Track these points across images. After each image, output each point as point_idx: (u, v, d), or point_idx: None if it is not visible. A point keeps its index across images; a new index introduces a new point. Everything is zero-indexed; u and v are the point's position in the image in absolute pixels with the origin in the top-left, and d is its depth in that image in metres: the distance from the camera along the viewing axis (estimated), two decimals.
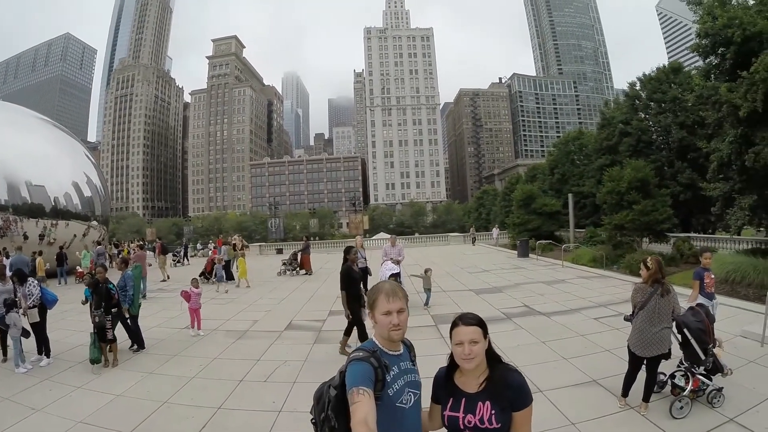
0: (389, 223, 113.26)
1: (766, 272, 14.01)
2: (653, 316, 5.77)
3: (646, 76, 35.99)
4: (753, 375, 6.93)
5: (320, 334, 10.71)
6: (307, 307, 14.11)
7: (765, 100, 14.56)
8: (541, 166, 58.70)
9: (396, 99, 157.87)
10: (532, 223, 35.29)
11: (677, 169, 31.04)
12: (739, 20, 16.67)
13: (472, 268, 22.99)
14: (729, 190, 18.83)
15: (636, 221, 22.48)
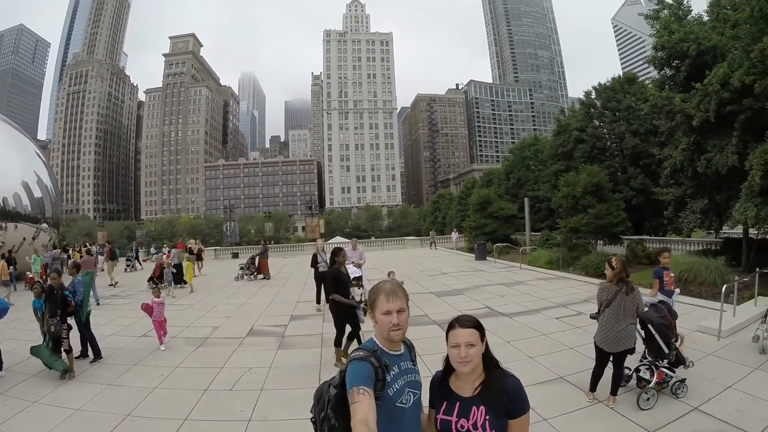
0: (345, 227, 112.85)
1: (717, 271, 14.66)
2: (619, 313, 6.01)
3: (602, 86, 36.94)
4: (712, 366, 7.37)
5: (283, 339, 10.51)
6: (268, 313, 13.81)
7: (717, 111, 15.13)
8: (497, 171, 59.39)
9: (353, 103, 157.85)
10: (488, 226, 35.63)
11: (630, 174, 31.79)
12: (695, 35, 17.35)
13: (431, 271, 23.01)
14: (681, 194, 19.49)
15: (591, 224, 23.03)
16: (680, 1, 19.52)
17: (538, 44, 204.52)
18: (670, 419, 5.67)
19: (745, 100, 14.34)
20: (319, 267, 13.96)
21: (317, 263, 14.08)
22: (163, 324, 10.13)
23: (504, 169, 55.25)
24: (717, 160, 15.65)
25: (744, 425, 5.38)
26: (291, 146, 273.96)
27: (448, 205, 71.46)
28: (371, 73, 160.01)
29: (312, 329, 11.38)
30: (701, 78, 16.18)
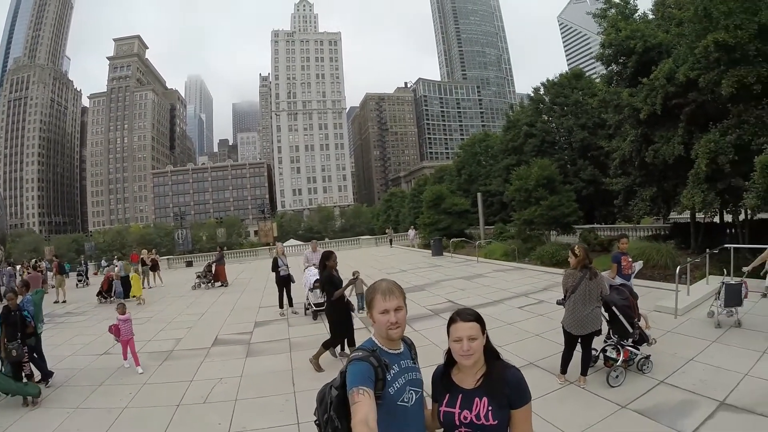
0: (298, 229, 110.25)
1: (668, 255, 15.54)
2: (585, 297, 6.38)
3: (550, 82, 38.12)
4: (673, 342, 7.92)
5: (251, 347, 10.20)
6: (231, 321, 13.35)
7: (663, 104, 16.09)
8: (449, 168, 60.11)
9: (302, 103, 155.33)
10: (442, 222, 35.95)
11: (579, 166, 32.93)
12: (641, 33, 18.38)
13: (389, 269, 23.03)
14: (630, 183, 20.45)
15: (544, 216, 23.71)
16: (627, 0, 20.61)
17: (485, 42, 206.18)
18: (639, 393, 6.06)
19: (690, 93, 15.30)
20: (280, 271, 13.58)
21: (278, 267, 13.63)
22: (132, 343, 9.19)
23: (455, 165, 55.94)
24: (664, 150, 16.56)
25: (708, 393, 5.83)
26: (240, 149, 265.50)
27: (401, 203, 71.45)
28: (320, 73, 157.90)
29: (278, 335, 11.11)
30: (648, 73, 17.15)
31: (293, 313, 13.34)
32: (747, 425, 5.01)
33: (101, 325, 13.49)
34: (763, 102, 13.49)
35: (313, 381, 7.10)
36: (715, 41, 12.93)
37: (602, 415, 5.56)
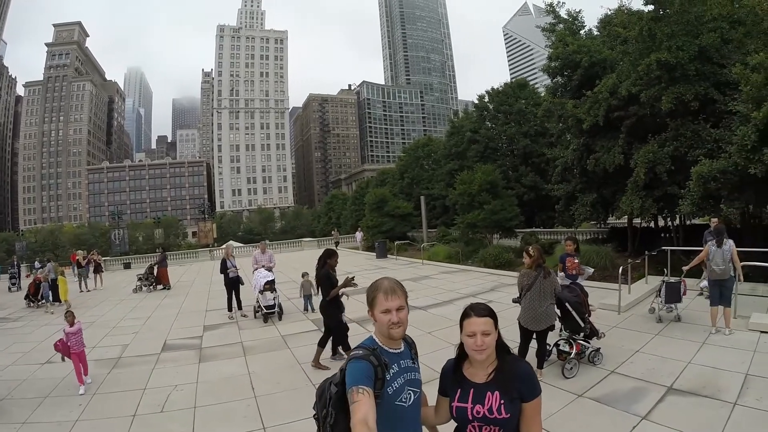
0: (237, 230, 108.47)
1: (607, 257, 16.59)
2: (540, 295, 6.80)
3: (495, 90, 39.29)
4: (619, 336, 8.64)
5: (202, 352, 9.79)
6: (178, 325, 12.88)
7: (606, 116, 17.01)
8: (391, 171, 60.27)
9: (245, 101, 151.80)
10: (385, 225, 36.36)
11: (521, 173, 34.23)
12: (587, 48, 19.42)
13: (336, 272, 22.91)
14: (572, 190, 21.41)
15: (487, 219, 24.39)
16: (575, 16, 21.73)
17: (431, 48, 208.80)
18: (593, 383, 6.51)
19: (631, 107, 16.30)
20: (229, 273, 13.11)
21: (227, 269, 13.13)
22: (83, 356, 8.11)
23: (398, 168, 56.37)
24: (605, 159, 17.48)
25: (657, 380, 6.40)
26: (179, 147, 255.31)
27: (342, 206, 70.58)
28: (264, 71, 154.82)
29: (230, 338, 10.77)
30: (592, 86, 18.13)
31: (242, 316, 13.05)
32: (695, 406, 5.61)
33: (40, 331, 13.20)
34: (699, 117, 14.63)
35: (274, 385, 7.29)
36: (658, 60, 13.92)
37: (562, 404, 5.93)
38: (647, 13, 15.85)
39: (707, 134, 13.85)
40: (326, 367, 7.84)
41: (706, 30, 14.48)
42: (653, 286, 12.18)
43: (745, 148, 11.01)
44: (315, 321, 11.51)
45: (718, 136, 13.28)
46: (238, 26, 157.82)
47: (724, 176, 11.85)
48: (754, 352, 7.26)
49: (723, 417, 5.22)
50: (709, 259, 8.53)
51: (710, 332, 8.38)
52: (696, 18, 14.49)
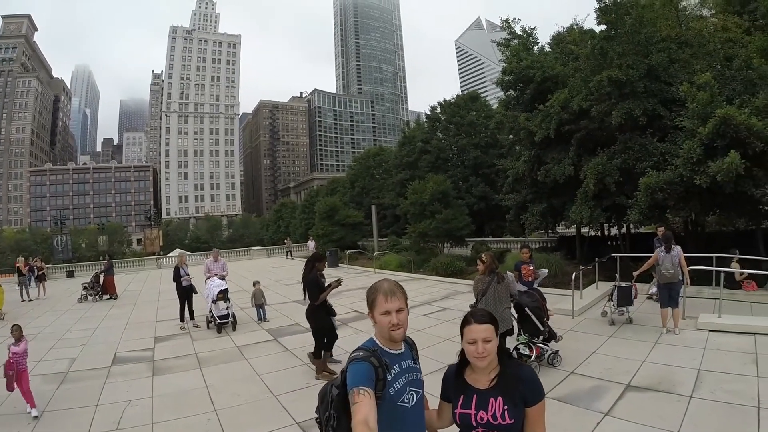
0: (184, 238, 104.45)
1: (557, 264, 17.24)
2: (495, 299, 7.07)
3: (447, 101, 40.14)
4: (575, 339, 9.00)
5: (155, 364, 9.29)
6: (128, 336, 12.22)
7: (557, 129, 17.60)
8: (342, 180, 60.28)
9: (195, 106, 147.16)
10: (336, 233, 36.67)
11: (471, 183, 34.90)
12: (540, 64, 20.19)
13: (286, 280, 22.47)
14: (522, 200, 22.00)
15: (439, 229, 24.89)
16: (529, 33, 22.51)
17: (383, 59, 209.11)
18: (555, 383, 6.65)
19: (582, 121, 16.97)
20: (182, 281, 12.61)
21: (180, 277, 12.64)
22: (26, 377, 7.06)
23: (349, 177, 56.54)
24: (555, 170, 18.04)
25: (615, 378, 6.71)
26: (125, 150, 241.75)
27: (291, 214, 69.71)
28: (216, 75, 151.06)
29: (183, 350, 10.27)
30: (544, 100, 18.75)
31: (195, 326, 12.50)
32: (654, 400, 5.97)
33: None
34: (647, 132, 15.37)
35: (234, 397, 7.01)
36: (609, 77, 14.63)
37: None
38: (600, 32, 16.70)
39: (654, 148, 14.59)
40: (333, 372, 7.58)
41: (655, 50, 15.37)
42: (604, 291, 12.79)
43: (690, 161, 11.76)
44: (270, 331, 11.50)
45: (664, 149, 14.05)
46: (191, 28, 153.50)
47: (671, 187, 12.57)
48: (704, 350, 7.78)
49: (681, 410, 5.58)
50: (658, 264, 9.05)
51: (661, 333, 8.89)
52: (646, 38, 15.36)
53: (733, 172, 10.61)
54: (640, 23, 15.23)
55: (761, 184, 11.21)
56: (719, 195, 12.27)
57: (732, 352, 7.57)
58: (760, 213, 15.02)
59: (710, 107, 11.81)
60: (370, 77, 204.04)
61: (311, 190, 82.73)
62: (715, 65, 15.04)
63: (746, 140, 10.97)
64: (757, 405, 5.54)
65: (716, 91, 12.59)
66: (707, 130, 11.34)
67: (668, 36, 16.33)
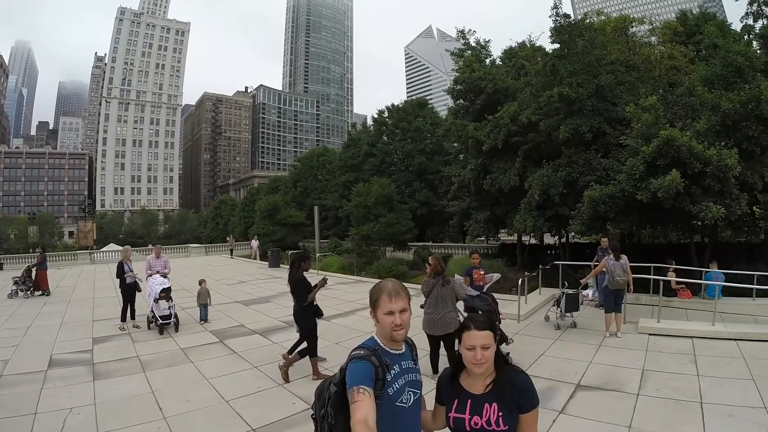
0: (119, 232, 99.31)
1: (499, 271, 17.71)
2: (438, 301, 7.32)
3: (395, 106, 40.64)
4: (523, 342, 9.42)
5: (95, 368, 8.63)
6: (64, 337, 11.36)
7: (505, 140, 18.30)
8: (284, 179, 59.73)
9: (137, 93, 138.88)
10: (277, 233, 36.26)
11: (415, 188, 35.39)
12: (492, 76, 20.87)
13: (228, 280, 22.27)
14: (466, 207, 22.62)
15: (382, 232, 25.04)
16: (483, 45, 23.22)
17: (332, 59, 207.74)
18: None
19: (530, 134, 17.69)
20: (126, 278, 11.98)
21: (124, 274, 12.02)
22: None
23: (291, 177, 55.93)
24: (500, 179, 18.75)
25: (565, 379, 7.07)
26: (60, 136, 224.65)
27: (231, 212, 67.83)
28: (161, 63, 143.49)
29: (124, 352, 9.66)
30: (493, 111, 19.43)
31: (135, 327, 11.82)
32: (604, 398, 6.40)
33: None
34: (591, 148, 16.27)
35: (183, 403, 6.65)
36: (560, 94, 15.38)
37: None
38: (553, 51, 17.50)
39: (597, 163, 15.44)
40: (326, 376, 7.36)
41: (604, 71, 16.27)
42: (547, 297, 13.54)
43: (633, 177, 12.53)
44: (214, 332, 11.12)
45: (607, 165, 14.88)
46: (140, 11, 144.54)
47: (613, 200, 13.32)
48: (646, 351, 8.41)
49: (630, 406, 6.04)
50: (608, 271, 9.63)
51: (605, 336, 9.50)
52: (596, 60, 16.23)
53: (673, 190, 11.43)
54: (591, 45, 16.13)
55: (698, 201, 12.07)
56: (657, 210, 13.14)
57: (672, 353, 8.21)
58: (694, 227, 16.17)
59: (654, 128, 12.67)
60: (318, 77, 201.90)
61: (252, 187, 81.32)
62: (659, 90, 16.15)
63: (686, 161, 11.83)
64: (700, 400, 6.09)
65: (660, 113, 13.55)
66: (651, 149, 12.14)
67: (617, 59, 17.41)
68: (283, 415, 6.13)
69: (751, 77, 13.80)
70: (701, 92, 13.82)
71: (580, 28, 16.67)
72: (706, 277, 12.37)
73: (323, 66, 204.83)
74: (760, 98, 12.38)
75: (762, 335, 8.89)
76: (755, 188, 12.83)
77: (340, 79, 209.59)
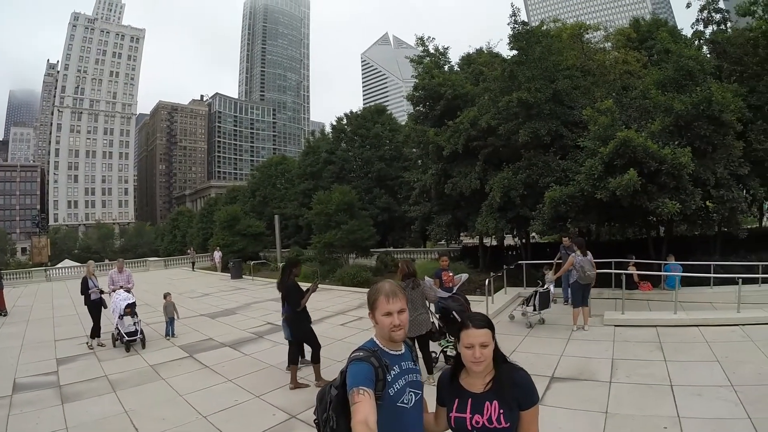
0: (74, 248, 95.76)
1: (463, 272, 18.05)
2: (409, 304, 7.58)
3: (353, 113, 40.87)
4: None
5: (63, 390, 8.18)
6: (26, 359, 10.76)
7: (465, 144, 18.69)
8: (242, 189, 59.01)
9: (90, 102, 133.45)
10: (237, 244, 35.59)
11: (375, 194, 35.55)
12: (452, 82, 21.27)
13: (191, 293, 21.79)
14: (428, 211, 22.91)
15: (344, 239, 24.89)
16: (443, 52, 23.65)
17: (289, 66, 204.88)
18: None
19: (490, 138, 18.10)
20: (91, 294, 11.59)
21: (89, 289, 11.61)
22: None
23: (250, 186, 55.36)
24: (462, 183, 19.03)
25: (539, 372, 7.16)
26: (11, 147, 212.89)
27: (188, 223, 66.34)
28: (115, 70, 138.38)
29: (91, 372, 9.20)
30: (453, 117, 19.85)
31: (99, 345, 11.34)
32: (578, 388, 6.70)
33: None
34: (550, 150, 16.78)
35: (159, 422, 6.42)
36: (519, 98, 15.79)
37: None
38: (511, 57, 18.00)
39: (556, 164, 15.95)
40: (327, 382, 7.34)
41: (561, 76, 16.88)
42: (512, 296, 14.01)
43: (592, 177, 13.03)
44: (183, 347, 10.81)
45: (565, 166, 15.39)
46: (94, 17, 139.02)
47: (573, 200, 13.81)
48: (613, 341, 8.82)
49: (604, 393, 6.35)
50: (577, 267, 9.99)
51: (572, 330, 9.89)
52: (553, 65, 16.81)
53: (631, 188, 11.95)
54: (548, 51, 16.69)
55: (654, 198, 12.67)
56: (616, 208, 13.72)
57: (639, 342, 8.64)
58: (650, 224, 16.93)
59: (611, 130, 13.25)
60: (274, 84, 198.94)
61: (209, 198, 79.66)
62: (613, 93, 16.82)
63: (643, 160, 12.40)
64: (670, 383, 6.48)
65: (616, 116, 14.15)
66: (608, 150, 12.66)
67: (573, 65, 18.09)
68: (264, 426, 6.06)
69: (702, 80, 14.55)
70: (655, 95, 14.47)
71: (538, 35, 17.22)
72: (666, 269, 13.05)
73: (279, 74, 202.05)
74: (711, 100, 13.07)
75: (722, 320, 9.48)
76: (708, 184, 13.51)
77: (296, 86, 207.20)
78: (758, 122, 15.69)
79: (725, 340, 8.41)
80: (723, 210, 13.58)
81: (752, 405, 5.53)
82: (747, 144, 14.78)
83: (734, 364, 7.03)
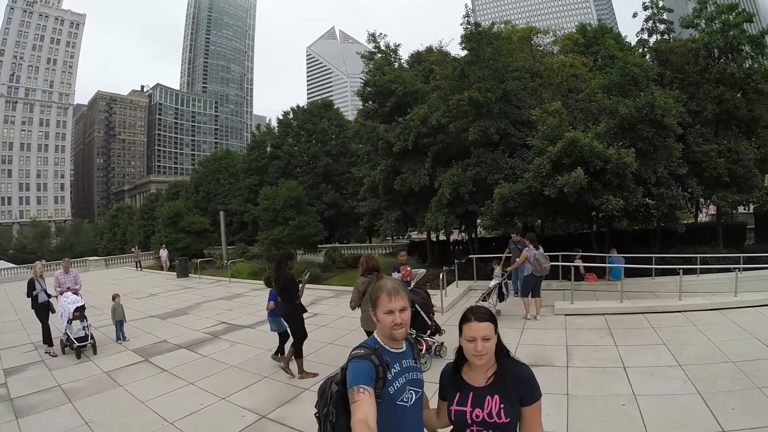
0: (8, 247, 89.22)
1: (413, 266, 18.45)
2: None
3: (300, 108, 40.69)
4: (452, 332, 9.76)
5: (15, 403, 7.56)
6: None
7: (415, 141, 19.10)
8: (185, 184, 57.41)
9: (25, 91, 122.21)
10: (181, 241, 34.59)
11: (322, 190, 35.64)
12: (402, 79, 21.54)
13: (137, 294, 20.66)
14: (377, 207, 23.26)
15: (292, 235, 25.12)
16: (394, 50, 23.92)
17: (232, 58, 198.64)
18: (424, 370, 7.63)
19: (439, 135, 18.58)
20: (38, 297, 10.86)
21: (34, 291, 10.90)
22: None
23: (193, 181, 53.93)
24: (411, 179, 19.48)
25: None
26: None
27: (128, 220, 63.82)
28: (52, 57, 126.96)
29: (43, 382, 8.50)
30: (403, 114, 20.22)
31: (46, 353, 10.55)
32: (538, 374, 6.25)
33: None
34: (499, 148, 17.41)
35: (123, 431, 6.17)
36: (470, 97, 16.21)
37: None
38: (463, 57, 18.41)
39: (504, 162, 16.58)
40: (315, 374, 7.60)
41: (510, 77, 17.49)
42: (464, 289, 14.49)
43: (540, 174, 13.64)
44: (136, 351, 10.24)
45: (513, 164, 16.07)
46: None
47: (521, 197, 14.45)
48: (565, 329, 9.32)
49: (563, 377, 6.75)
50: (531, 260, 10.45)
51: (525, 319, 10.35)
52: (503, 66, 17.35)
53: (578, 185, 12.65)
54: (499, 53, 17.22)
55: (599, 195, 13.44)
56: (562, 204, 14.43)
57: (589, 329, 9.17)
58: (593, 219, 17.86)
59: (558, 130, 13.93)
60: (217, 76, 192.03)
61: (149, 194, 76.62)
62: (560, 95, 17.59)
63: (589, 159, 13.12)
64: (623, 365, 6.96)
65: (564, 117, 14.88)
66: (556, 149, 13.30)
67: (522, 66, 18.77)
68: (235, 429, 5.92)
69: (645, 85, 15.48)
70: (601, 98, 15.29)
71: (489, 36, 17.69)
72: (610, 260, 13.77)
73: (223, 65, 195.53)
74: (654, 104, 13.91)
75: (665, 307, 10.21)
76: (649, 182, 14.42)
77: (240, 79, 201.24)
78: (696, 126, 16.99)
79: (670, 325, 9.03)
80: (663, 207, 14.49)
81: (699, 382, 6.06)
82: (686, 146, 15.94)
83: (680, 346, 7.60)
